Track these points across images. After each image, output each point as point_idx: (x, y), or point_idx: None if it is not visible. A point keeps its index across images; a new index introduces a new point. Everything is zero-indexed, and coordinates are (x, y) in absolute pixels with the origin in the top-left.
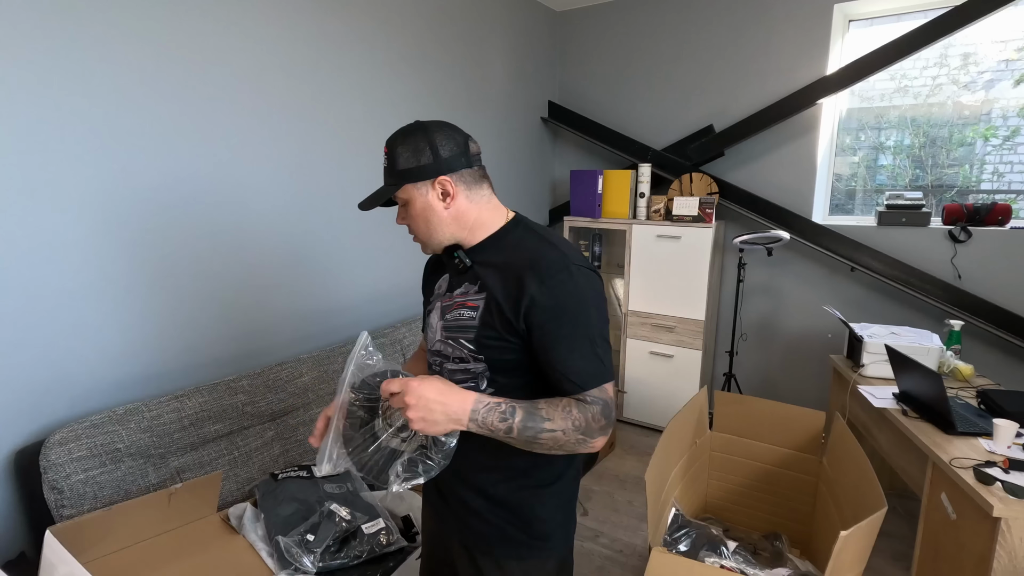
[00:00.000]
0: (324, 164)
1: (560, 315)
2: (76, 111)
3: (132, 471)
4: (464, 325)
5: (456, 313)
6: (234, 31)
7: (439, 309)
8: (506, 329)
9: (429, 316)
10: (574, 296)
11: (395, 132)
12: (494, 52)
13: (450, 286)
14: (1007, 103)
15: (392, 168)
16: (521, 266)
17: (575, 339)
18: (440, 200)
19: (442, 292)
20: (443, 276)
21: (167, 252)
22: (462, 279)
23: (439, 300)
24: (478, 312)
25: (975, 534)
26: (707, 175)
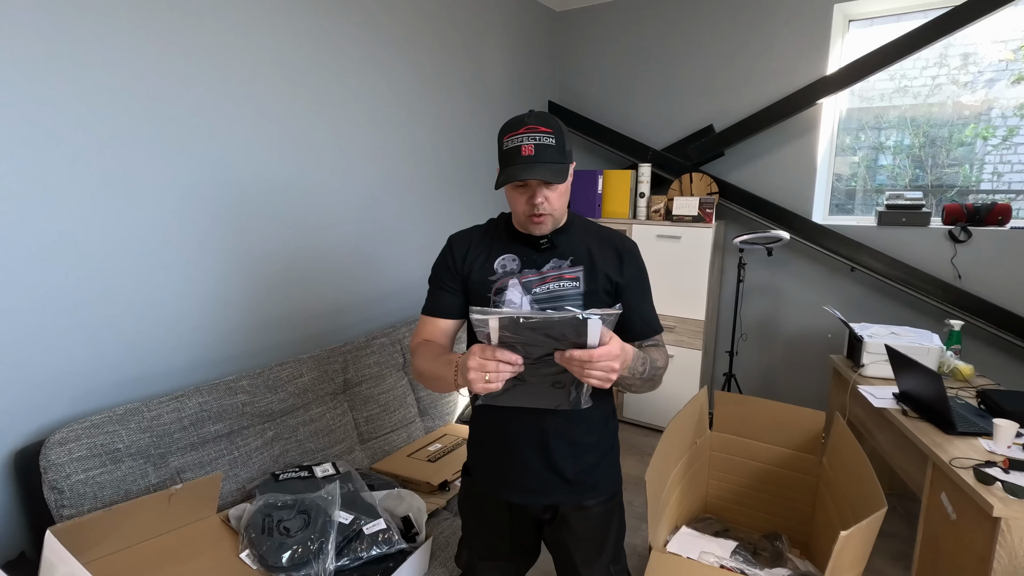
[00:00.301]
0: (323, 165)
1: (640, 275)
2: (77, 111)
3: (132, 471)
4: (568, 294)
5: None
6: (235, 32)
7: (518, 286)
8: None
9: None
10: (644, 268)
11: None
12: (494, 52)
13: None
14: (1006, 103)
15: (561, 148)
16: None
17: (647, 294)
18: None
19: (514, 270)
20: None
21: (167, 252)
22: (547, 255)
23: (513, 277)
24: (580, 281)
25: (975, 534)
26: (707, 175)
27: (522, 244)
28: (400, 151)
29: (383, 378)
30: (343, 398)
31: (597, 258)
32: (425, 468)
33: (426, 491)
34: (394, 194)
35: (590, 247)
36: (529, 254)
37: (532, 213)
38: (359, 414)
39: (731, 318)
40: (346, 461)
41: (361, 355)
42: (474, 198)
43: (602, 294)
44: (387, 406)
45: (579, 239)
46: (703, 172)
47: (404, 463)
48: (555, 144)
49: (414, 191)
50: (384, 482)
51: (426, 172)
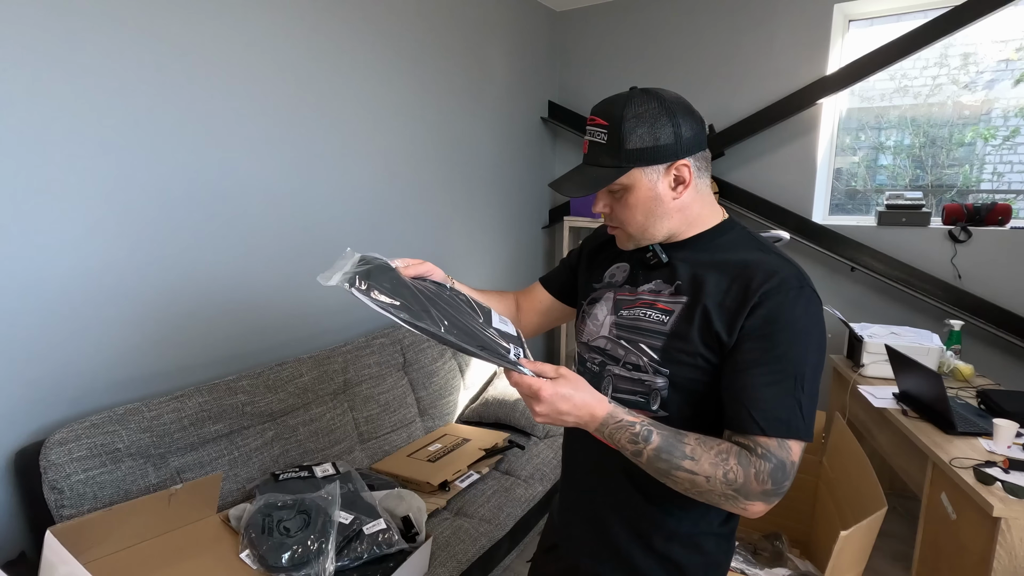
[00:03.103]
0: (324, 164)
1: (776, 336)
2: (77, 111)
3: (132, 471)
4: (650, 328)
5: (639, 312)
6: (234, 31)
7: (611, 301)
8: (708, 343)
9: (592, 306)
10: (800, 320)
11: (613, 102)
12: (494, 52)
13: (632, 279)
14: (1007, 103)
15: (617, 146)
16: (745, 271)
17: (779, 370)
18: (671, 188)
19: (617, 282)
20: (617, 264)
21: (167, 251)
22: (652, 275)
23: (611, 291)
24: (672, 316)
25: (975, 534)
26: None
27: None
28: (400, 151)
29: (383, 378)
30: (343, 398)
31: (708, 294)
32: (425, 468)
33: (426, 491)
34: (394, 194)
35: (709, 276)
36: (637, 268)
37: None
38: (359, 414)
39: None
40: (346, 461)
41: (361, 355)
42: (475, 198)
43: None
44: (387, 406)
45: (706, 260)
46: None
47: (404, 463)
48: (606, 142)
49: (414, 191)
50: (384, 482)
51: (426, 172)
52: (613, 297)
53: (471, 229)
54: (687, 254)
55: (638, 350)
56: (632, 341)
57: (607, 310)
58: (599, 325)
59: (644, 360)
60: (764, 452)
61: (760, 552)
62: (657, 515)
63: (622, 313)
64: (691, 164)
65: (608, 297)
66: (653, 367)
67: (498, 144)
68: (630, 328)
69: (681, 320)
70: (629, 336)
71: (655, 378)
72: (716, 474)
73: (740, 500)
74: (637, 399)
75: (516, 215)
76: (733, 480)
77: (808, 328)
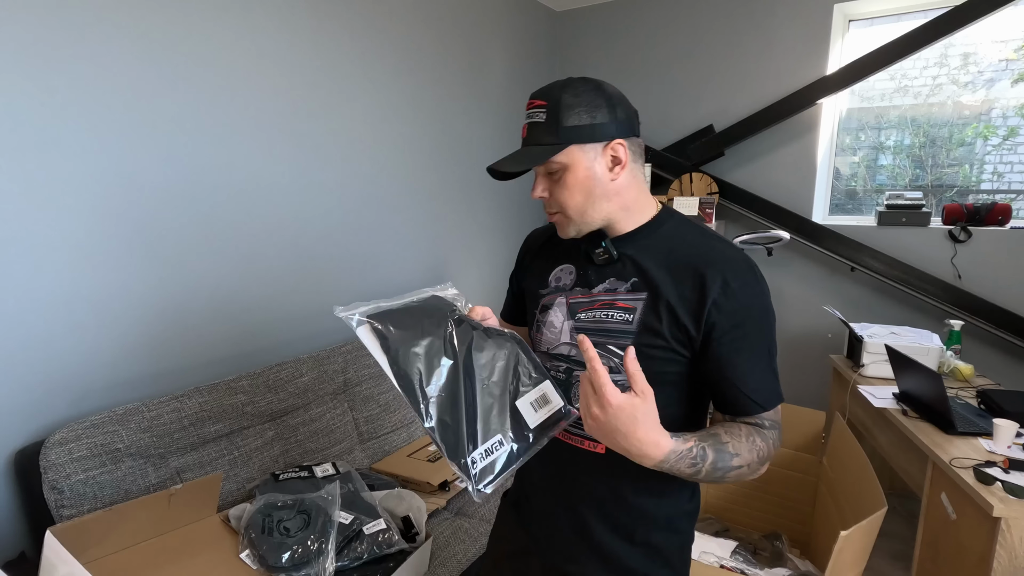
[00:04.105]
0: (324, 164)
1: (745, 323)
2: (76, 110)
3: (132, 471)
4: (616, 329)
5: (599, 313)
6: (234, 31)
7: (564, 306)
8: (677, 337)
9: (545, 313)
10: (760, 303)
11: (552, 84)
12: (494, 52)
13: (582, 280)
14: (1007, 103)
15: (554, 124)
16: (697, 263)
17: (758, 352)
18: (608, 169)
19: (566, 286)
20: (560, 267)
21: (167, 252)
22: (604, 273)
23: (562, 295)
24: (635, 314)
25: (975, 534)
26: (707, 175)
27: (582, 254)
28: (400, 151)
29: (383, 378)
30: (343, 398)
31: (666, 288)
32: (425, 468)
33: (426, 491)
34: (394, 194)
35: (663, 271)
36: (586, 268)
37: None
38: (359, 414)
39: None
40: (346, 461)
41: (361, 355)
42: (475, 198)
43: (666, 339)
44: (387, 406)
45: (655, 253)
46: (703, 172)
47: (404, 463)
48: (544, 120)
49: (414, 191)
50: (384, 482)
51: (426, 172)
52: (566, 302)
53: (471, 229)
54: (634, 249)
55: (607, 352)
56: (598, 344)
57: (562, 315)
58: (557, 332)
59: (615, 361)
60: (770, 423)
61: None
62: (637, 508)
63: (580, 316)
64: (626, 145)
65: (560, 302)
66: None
67: (498, 144)
68: (593, 331)
69: (647, 317)
70: (594, 339)
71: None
72: (753, 459)
73: (761, 469)
74: None
75: (516, 215)
76: (764, 457)
77: (766, 306)
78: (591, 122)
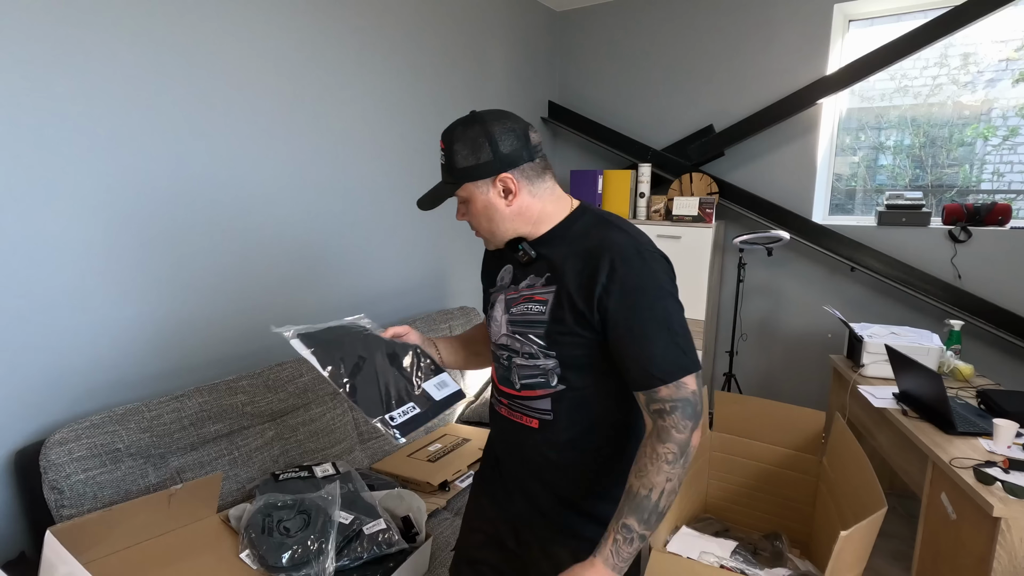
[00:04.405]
0: (325, 164)
1: (635, 305)
2: (76, 110)
3: (132, 471)
4: (532, 320)
5: (523, 307)
6: (236, 31)
7: (503, 302)
8: (578, 322)
9: (492, 308)
10: (648, 283)
11: (451, 124)
12: (494, 52)
13: (514, 278)
14: (1007, 103)
15: (450, 166)
16: (590, 253)
17: (653, 330)
18: (501, 197)
19: (505, 284)
20: (505, 267)
21: (167, 252)
22: (527, 271)
23: (503, 292)
24: (547, 306)
25: (975, 534)
26: (707, 175)
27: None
28: (399, 151)
29: None
30: (343, 398)
31: (569, 278)
32: (425, 468)
33: (426, 491)
34: (393, 195)
35: (568, 263)
36: (517, 267)
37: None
38: (359, 414)
39: (731, 318)
40: (346, 461)
41: None
42: None
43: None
44: None
45: (564, 249)
46: (703, 172)
47: (404, 463)
48: (445, 162)
49: (413, 192)
50: (384, 482)
51: (426, 172)
52: (504, 298)
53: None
54: (548, 248)
55: (528, 340)
56: (523, 334)
57: (501, 310)
58: (499, 325)
59: (535, 348)
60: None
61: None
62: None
63: (512, 311)
64: (514, 176)
65: (500, 299)
66: (543, 352)
67: None
68: (520, 323)
69: (555, 307)
70: (521, 330)
71: (547, 361)
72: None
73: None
74: (538, 380)
75: None
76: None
77: (658, 283)
78: (476, 163)
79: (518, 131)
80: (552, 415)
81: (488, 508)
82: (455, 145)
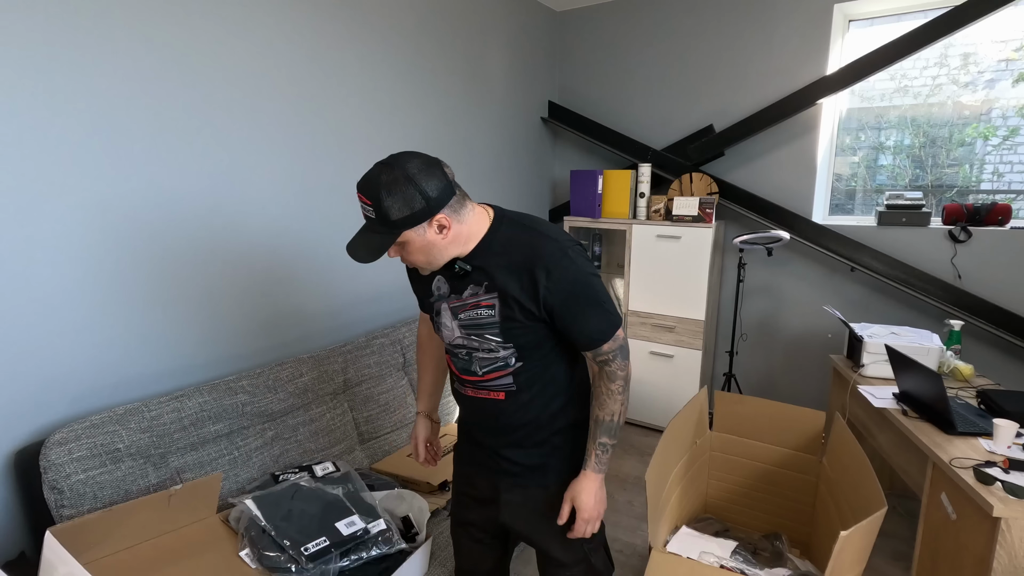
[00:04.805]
0: (323, 165)
1: (573, 296)
2: (77, 112)
3: (132, 471)
4: (485, 323)
5: (472, 313)
6: (233, 33)
7: (448, 311)
8: (528, 317)
9: (439, 316)
10: (578, 277)
11: (370, 181)
12: (494, 52)
13: (453, 289)
14: (1007, 103)
15: (384, 219)
16: (526, 262)
17: (589, 309)
18: (437, 234)
19: (444, 294)
20: (436, 278)
21: (167, 252)
22: (465, 282)
23: (444, 302)
24: (495, 309)
25: (975, 534)
26: (707, 175)
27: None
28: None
29: (383, 378)
30: (343, 398)
31: (511, 286)
32: (425, 468)
33: (426, 491)
34: None
35: (504, 273)
36: (453, 279)
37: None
38: (359, 414)
39: (731, 318)
40: (346, 461)
41: (361, 355)
42: (475, 198)
43: (522, 320)
44: (387, 406)
45: (497, 259)
46: (703, 172)
47: (404, 463)
48: (376, 216)
49: None
50: (384, 482)
51: None
52: (448, 307)
53: None
54: (481, 260)
55: (485, 339)
56: (479, 334)
57: (449, 317)
58: (451, 329)
59: (493, 343)
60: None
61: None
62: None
63: (461, 316)
64: (446, 214)
65: (445, 308)
66: (501, 346)
67: (498, 144)
68: (472, 326)
69: (503, 309)
70: (475, 332)
71: (505, 351)
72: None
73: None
74: (498, 364)
75: None
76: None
77: (584, 272)
78: (411, 212)
79: (437, 172)
80: (515, 386)
81: (471, 474)
82: (385, 200)
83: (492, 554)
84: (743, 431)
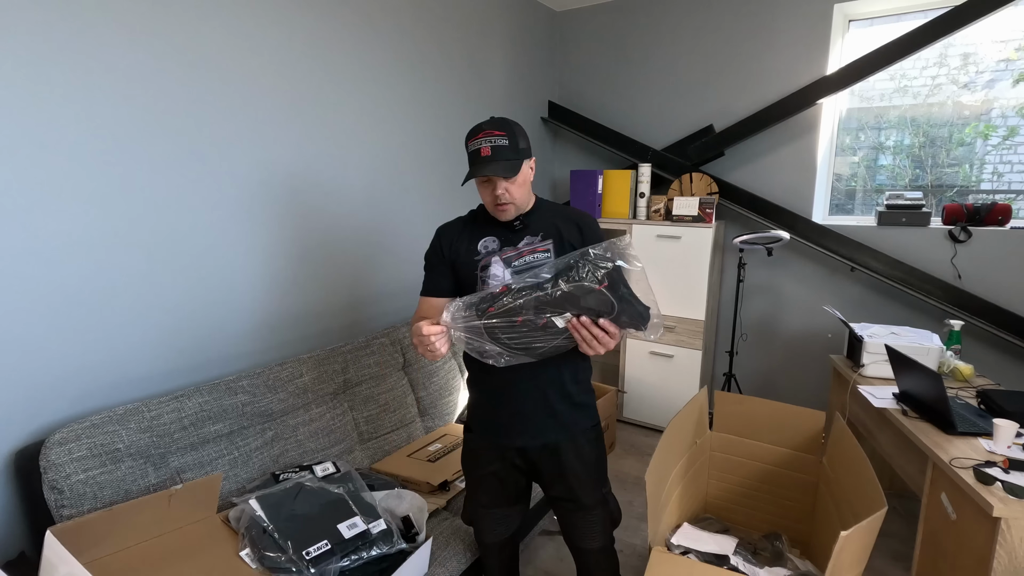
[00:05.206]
0: (323, 165)
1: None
2: (79, 112)
3: (132, 471)
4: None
5: (528, 259)
6: (234, 31)
7: (500, 262)
8: None
9: (487, 270)
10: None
11: (501, 121)
12: (494, 52)
13: (508, 242)
14: (1007, 103)
15: (515, 146)
16: (573, 218)
17: None
18: (531, 172)
19: (495, 250)
20: (483, 240)
21: (165, 252)
22: (521, 235)
23: (495, 255)
24: (551, 252)
25: (975, 534)
26: (707, 175)
27: (500, 227)
28: (399, 152)
29: (383, 378)
30: (343, 398)
31: (564, 232)
32: (425, 468)
33: (426, 491)
34: (394, 195)
35: (556, 224)
36: (506, 235)
37: (497, 203)
38: (359, 414)
39: (731, 318)
40: (346, 461)
41: (361, 355)
42: (474, 198)
43: None
44: (387, 406)
45: (547, 219)
46: (703, 172)
47: (404, 463)
48: (508, 144)
49: (414, 192)
50: (384, 482)
51: (426, 172)
52: (499, 259)
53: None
54: (534, 218)
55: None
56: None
57: (501, 267)
58: (500, 278)
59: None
60: None
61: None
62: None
63: (515, 264)
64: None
65: (496, 260)
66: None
67: None
68: (526, 268)
69: (557, 250)
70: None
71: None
72: None
73: None
74: None
75: None
76: None
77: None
78: (527, 146)
79: None
80: None
81: (491, 449)
82: (516, 131)
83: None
84: (743, 431)
